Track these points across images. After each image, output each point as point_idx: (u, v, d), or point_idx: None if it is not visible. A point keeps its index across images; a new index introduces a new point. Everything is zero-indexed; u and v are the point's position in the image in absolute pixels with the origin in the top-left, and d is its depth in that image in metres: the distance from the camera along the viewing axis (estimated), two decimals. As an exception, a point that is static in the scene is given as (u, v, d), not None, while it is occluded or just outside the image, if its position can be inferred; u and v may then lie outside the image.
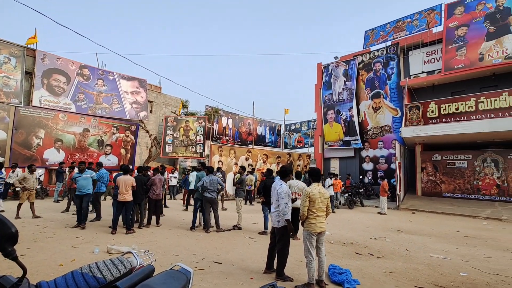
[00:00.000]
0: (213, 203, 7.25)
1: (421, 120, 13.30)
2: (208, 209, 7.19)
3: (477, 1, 14.09)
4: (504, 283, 4.25)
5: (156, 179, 7.81)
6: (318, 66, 20.10)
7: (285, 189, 4.20)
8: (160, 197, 7.95)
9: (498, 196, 12.26)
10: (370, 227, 8.44)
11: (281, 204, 4.12)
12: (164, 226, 7.60)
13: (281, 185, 4.27)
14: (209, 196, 7.13)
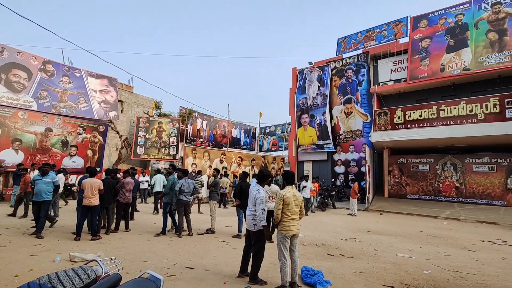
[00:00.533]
0: (188, 206, 7.13)
1: (388, 125, 14.01)
2: (182, 213, 7.02)
3: (439, 16, 15.16)
4: (462, 279, 4.55)
5: (127, 181, 7.48)
6: (293, 70, 20.49)
7: (263, 195, 4.18)
8: (130, 201, 7.62)
9: (457, 197, 13.19)
10: (342, 229, 8.69)
11: (258, 209, 4.08)
12: (133, 231, 7.28)
13: (259, 190, 4.23)
14: (185, 199, 7.00)
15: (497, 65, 12.93)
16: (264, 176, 4.40)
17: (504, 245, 6.97)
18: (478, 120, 11.89)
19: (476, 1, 14.14)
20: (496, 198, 12.19)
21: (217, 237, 6.97)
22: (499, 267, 5.21)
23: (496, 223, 9.94)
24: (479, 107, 11.94)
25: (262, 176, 4.40)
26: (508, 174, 12.04)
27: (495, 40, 13.19)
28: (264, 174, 4.41)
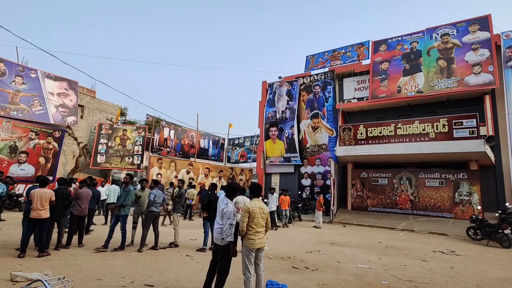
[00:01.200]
0: (158, 218, 6.95)
1: (352, 140, 14.74)
2: (149, 225, 6.75)
3: (397, 42, 16.53)
4: None
5: (83, 192, 6.96)
6: (263, 84, 20.89)
7: (231, 209, 4.02)
8: (85, 214, 7.08)
9: (412, 210, 14.09)
10: (307, 241, 8.81)
11: (225, 224, 3.95)
12: (88, 247, 6.74)
13: (227, 204, 4.06)
14: (156, 210, 6.83)
15: (446, 90, 14.30)
16: (234, 189, 4.25)
17: (453, 255, 7.52)
18: (429, 138, 12.96)
19: (428, 31, 15.68)
20: (445, 211, 13.22)
21: (181, 251, 6.69)
22: (448, 276, 5.59)
23: (445, 234, 10.74)
24: (431, 127, 13.05)
25: (231, 189, 4.24)
26: (456, 189, 13.17)
27: (444, 67, 14.64)
28: (234, 188, 4.26)
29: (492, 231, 9.01)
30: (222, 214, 4.02)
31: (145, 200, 7.11)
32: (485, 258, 7.21)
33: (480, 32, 14.20)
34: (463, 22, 14.84)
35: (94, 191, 8.28)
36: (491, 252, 8.00)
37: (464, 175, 13.07)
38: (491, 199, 13.27)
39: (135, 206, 7.20)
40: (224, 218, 3.98)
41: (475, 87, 13.60)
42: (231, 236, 3.91)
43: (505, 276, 5.69)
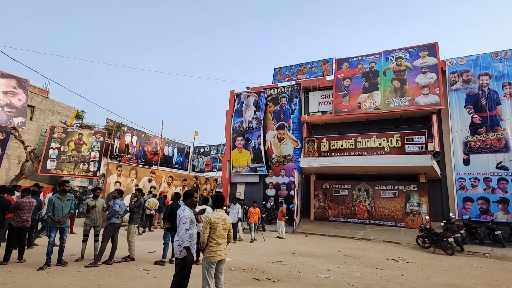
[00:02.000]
0: (118, 230, 6.59)
1: (316, 152, 15.26)
2: (108, 238, 6.33)
3: (357, 61, 17.68)
4: (371, 296, 5.02)
5: (25, 202, 6.30)
6: (231, 93, 20.95)
7: (187, 214, 3.99)
8: (28, 225, 6.40)
9: (368, 219, 14.84)
10: (270, 251, 8.82)
11: (181, 229, 3.88)
12: (29, 262, 6.07)
13: (184, 209, 4.06)
14: (118, 222, 6.47)
15: (399, 108, 15.52)
16: (189, 195, 4.24)
17: (404, 262, 8.01)
18: (385, 152, 13.88)
19: (385, 53, 17.01)
20: (398, 221, 14.13)
21: (137, 265, 6.30)
22: (399, 282, 5.93)
23: (398, 243, 11.43)
24: (386, 141, 14.00)
25: (186, 195, 4.25)
26: (407, 200, 14.17)
27: (398, 87, 15.92)
28: (188, 193, 4.27)
29: (438, 239, 9.79)
30: (179, 220, 3.95)
31: (99, 211, 6.69)
32: (432, 265, 7.78)
33: (429, 57, 15.74)
34: (415, 47, 16.35)
35: (39, 201, 7.54)
36: (437, 259, 8.65)
37: (414, 187, 14.13)
38: (438, 209, 14.46)
39: (86, 217, 6.70)
40: (180, 223, 3.90)
41: (424, 106, 14.93)
42: (187, 241, 3.81)
43: (448, 282, 6.17)
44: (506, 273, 7.25)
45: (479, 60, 14.68)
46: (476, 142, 13.86)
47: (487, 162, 13.50)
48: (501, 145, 13.34)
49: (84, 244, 6.65)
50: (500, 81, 13.96)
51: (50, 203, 5.95)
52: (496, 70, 14.16)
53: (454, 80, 14.96)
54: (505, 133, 13.33)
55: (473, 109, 14.20)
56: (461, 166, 14.03)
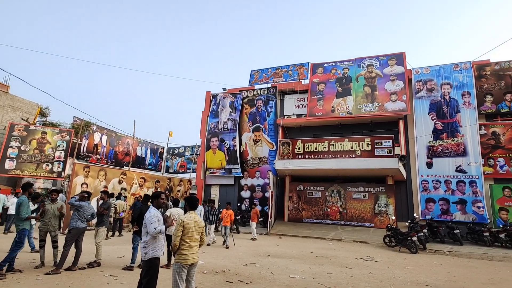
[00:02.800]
0: (83, 234, 6.28)
1: (290, 155, 15.50)
2: (72, 243, 6.01)
3: (332, 66, 18.24)
4: (340, 294, 5.18)
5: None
6: (207, 94, 20.74)
7: (153, 213, 3.98)
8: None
9: (340, 220, 15.30)
10: (243, 253, 8.81)
11: (150, 229, 3.85)
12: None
13: (150, 210, 4.03)
14: (82, 226, 6.15)
15: (370, 113, 16.19)
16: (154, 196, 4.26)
17: (372, 261, 8.35)
18: (356, 155, 14.41)
19: (357, 60, 17.71)
20: (367, 221, 14.71)
21: (103, 271, 6.02)
22: (367, 281, 6.17)
23: (367, 242, 11.89)
24: (357, 145, 14.54)
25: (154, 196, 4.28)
26: (376, 201, 14.80)
27: (369, 93, 16.62)
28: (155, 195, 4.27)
29: (403, 238, 10.32)
30: (146, 221, 3.92)
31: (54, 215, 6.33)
32: (397, 263, 8.18)
33: (397, 66, 16.60)
34: (385, 56, 17.18)
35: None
36: (402, 258, 9.12)
37: (382, 189, 14.79)
38: (403, 210, 15.23)
39: (40, 221, 6.31)
40: (148, 224, 3.89)
41: (392, 112, 15.71)
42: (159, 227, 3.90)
43: (412, 279, 6.52)
44: (463, 269, 7.80)
45: (442, 70, 15.73)
46: (438, 147, 14.81)
47: (448, 166, 14.46)
48: (460, 150, 14.36)
49: (42, 250, 6.26)
50: (460, 91, 15.04)
51: (25, 204, 5.77)
52: (457, 80, 15.24)
53: (419, 88, 15.89)
54: (464, 139, 14.37)
55: (436, 115, 15.16)
56: (425, 169, 14.91)
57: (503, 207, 13.16)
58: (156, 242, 3.96)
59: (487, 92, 14.67)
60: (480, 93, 14.73)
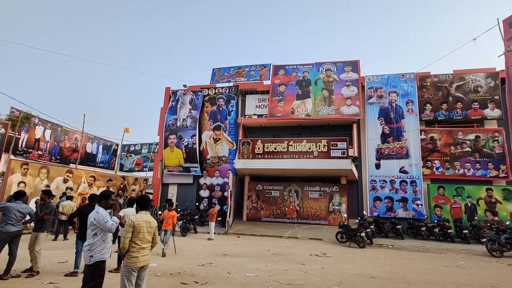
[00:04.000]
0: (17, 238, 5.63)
1: (250, 154, 15.63)
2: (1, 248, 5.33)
3: (293, 69, 18.79)
4: (294, 290, 5.36)
5: None
6: (166, 90, 20.00)
7: (103, 213, 3.77)
8: None
9: (297, 219, 15.82)
10: (200, 254, 8.65)
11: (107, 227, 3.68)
12: None
13: (97, 211, 3.77)
14: (15, 229, 5.50)
15: (327, 116, 17.00)
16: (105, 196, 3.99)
17: (324, 257, 8.77)
18: (313, 156, 15.03)
19: (317, 64, 18.48)
20: (322, 219, 15.43)
21: (42, 278, 5.47)
22: (319, 275, 6.46)
23: (321, 239, 12.47)
24: (315, 146, 15.18)
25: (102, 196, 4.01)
26: (330, 200, 15.58)
27: (327, 97, 17.44)
28: (105, 194, 4.01)
29: (353, 234, 11.02)
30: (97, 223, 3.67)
31: None
32: (347, 258, 8.70)
33: (352, 72, 17.67)
34: (341, 62, 18.17)
35: None
36: (351, 252, 9.73)
37: (336, 188, 15.63)
38: (354, 208, 16.25)
39: None
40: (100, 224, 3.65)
41: (347, 116, 16.68)
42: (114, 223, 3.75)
43: (359, 271, 6.99)
44: (403, 261, 8.57)
45: (390, 79, 17.11)
46: (385, 150, 16.08)
47: (393, 167, 15.78)
48: (403, 153, 15.76)
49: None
50: (404, 99, 16.50)
51: None
52: (402, 89, 16.70)
53: (371, 94, 17.10)
54: (407, 143, 15.80)
55: (384, 121, 16.45)
56: (374, 170, 16.09)
57: (438, 204, 14.75)
58: (103, 243, 3.72)
59: (427, 101, 16.31)
60: (421, 101, 16.33)
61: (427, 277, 6.66)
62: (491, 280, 6.51)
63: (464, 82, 16.02)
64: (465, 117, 15.61)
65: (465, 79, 16.03)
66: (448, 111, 15.90)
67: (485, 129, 15.35)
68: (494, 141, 14.90)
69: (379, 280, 6.22)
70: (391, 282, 6.13)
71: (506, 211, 13.77)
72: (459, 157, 15.19)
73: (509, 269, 7.77)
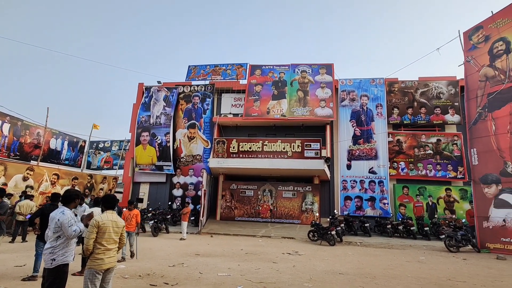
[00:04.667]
0: None
1: (225, 153, 15.55)
2: None
3: (269, 69, 18.94)
4: (265, 288, 5.41)
5: None
6: (139, 85, 19.34)
7: (69, 215, 3.52)
8: None
9: (270, 218, 15.99)
10: (171, 254, 8.46)
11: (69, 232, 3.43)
12: None
13: (63, 212, 3.53)
14: None
15: (301, 116, 17.34)
16: (71, 196, 3.75)
17: (296, 255, 8.94)
18: (288, 156, 15.27)
19: (293, 66, 18.78)
20: (295, 218, 15.72)
21: (-5, 284, 5.06)
22: (291, 273, 6.58)
23: (293, 238, 12.70)
24: (289, 146, 15.43)
25: (67, 196, 3.75)
26: (303, 199, 15.91)
27: (302, 98, 17.78)
28: (71, 194, 3.78)
29: (324, 233, 11.33)
30: (60, 225, 3.45)
31: None
32: (317, 256, 8.94)
33: (327, 75, 18.17)
34: (316, 65, 18.61)
35: None
36: (322, 250, 10.01)
37: (309, 188, 15.99)
38: (326, 207, 16.74)
39: None
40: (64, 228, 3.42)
41: (321, 117, 17.12)
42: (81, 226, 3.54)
43: (329, 268, 7.20)
44: (370, 257, 8.97)
45: (362, 83, 17.81)
46: (356, 151, 16.72)
47: (363, 168, 16.45)
48: (373, 154, 16.47)
49: None
50: (374, 102, 17.25)
51: None
52: (372, 93, 17.45)
53: (343, 97, 17.69)
54: (376, 145, 16.54)
55: (356, 123, 17.09)
56: (345, 170, 16.67)
57: (402, 203, 15.60)
58: (67, 246, 3.51)
59: (394, 105, 17.18)
60: (390, 106, 17.17)
61: (391, 272, 7.02)
62: (447, 274, 7.00)
63: (428, 88, 17.07)
64: (428, 122, 16.65)
65: (429, 86, 17.08)
66: (413, 115, 16.86)
67: (446, 133, 16.47)
68: (453, 145, 16.03)
69: (347, 276, 6.46)
70: (358, 277, 6.39)
71: (462, 209, 14.88)
72: (422, 159, 16.16)
73: (464, 264, 8.41)
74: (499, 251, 10.29)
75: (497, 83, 11.61)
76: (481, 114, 11.96)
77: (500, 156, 11.12)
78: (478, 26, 12.59)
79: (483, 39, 12.36)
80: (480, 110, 12.01)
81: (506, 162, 10.92)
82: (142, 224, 12.82)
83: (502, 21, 11.74)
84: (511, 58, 11.31)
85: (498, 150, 11.21)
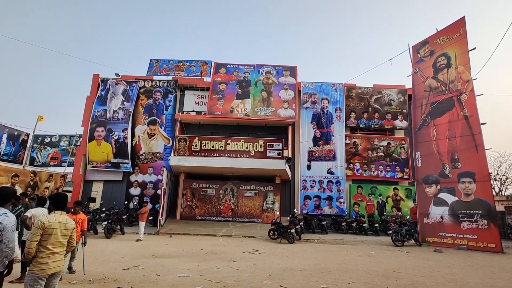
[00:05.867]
0: None
1: (187, 151, 15.17)
2: None
3: (234, 68, 18.90)
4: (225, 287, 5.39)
5: None
6: (94, 77, 18.04)
7: (13, 220, 3.14)
8: None
9: (232, 217, 15.98)
10: (126, 256, 8.03)
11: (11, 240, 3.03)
12: None
13: (6, 214, 3.14)
14: None
15: (265, 117, 17.59)
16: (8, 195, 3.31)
17: (256, 253, 9.06)
18: (250, 155, 15.37)
19: (257, 66, 18.96)
20: (256, 217, 15.91)
21: None
22: (250, 272, 6.65)
23: (254, 237, 12.83)
24: (252, 146, 15.54)
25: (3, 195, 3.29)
26: (264, 198, 16.16)
27: (266, 98, 18.04)
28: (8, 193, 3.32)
29: (284, 231, 11.63)
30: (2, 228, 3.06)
31: None
32: (277, 253, 9.15)
33: (290, 77, 18.66)
34: (281, 66, 19.02)
35: None
36: (282, 248, 10.26)
37: (270, 187, 16.29)
38: (287, 206, 17.20)
39: None
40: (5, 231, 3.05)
41: (284, 118, 17.55)
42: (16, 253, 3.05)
43: (287, 265, 7.41)
44: (326, 253, 9.42)
45: (323, 87, 18.62)
46: (316, 152, 17.44)
47: (322, 168, 17.22)
48: (331, 155, 17.32)
49: None
50: (334, 106, 18.15)
51: None
52: (332, 97, 18.34)
53: (305, 100, 18.33)
54: (334, 146, 17.42)
55: (316, 125, 17.82)
56: (305, 170, 17.29)
57: (356, 202, 16.64)
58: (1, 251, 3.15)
59: (352, 109, 18.25)
60: (348, 110, 18.20)
61: (344, 266, 7.45)
62: (393, 266, 7.63)
63: (381, 95, 18.41)
64: (380, 126, 17.97)
65: (382, 93, 18.44)
66: (368, 119, 18.07)
67: (395, 137, 17.93)
68: (401, 148, 17.50)
69: (304, 272, 6.71)
70: (314, 273, 6.67)
71: (407, 207, 16.33)
72: (374, 161, 17.40)
73: (407, 256, 9.23)
74: (437, 244, 11.51)
75: (439, 93, 12.95)
76: (425, 121, 13.24)
77: (440, 159, 12.42)
78: (425, 41, 13.91)
79: (428, 53, 13.69)
80: (424, 117, 13.29)
81: (444, 165, 12.23)
82: (94, 226, 12.01)
83: (445, 38, 13.12)
84: (451, 72, 12.69)
85: (438, 153, 12.51)
